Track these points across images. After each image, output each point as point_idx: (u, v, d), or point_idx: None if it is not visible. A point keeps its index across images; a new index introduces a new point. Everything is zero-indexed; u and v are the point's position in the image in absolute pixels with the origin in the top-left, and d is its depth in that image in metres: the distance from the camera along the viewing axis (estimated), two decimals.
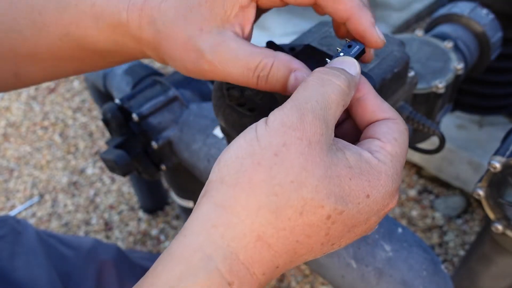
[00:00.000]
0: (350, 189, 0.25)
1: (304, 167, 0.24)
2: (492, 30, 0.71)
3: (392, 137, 0.28)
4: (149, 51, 0.34)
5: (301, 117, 0.25)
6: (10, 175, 1.26)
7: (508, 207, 0.48)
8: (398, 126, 0.28)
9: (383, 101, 0.30)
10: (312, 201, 0.24)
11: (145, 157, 0.67)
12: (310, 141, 0.24)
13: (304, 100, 0.25)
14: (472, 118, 1.03)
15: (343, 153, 0.26)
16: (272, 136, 0.24)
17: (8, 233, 0.60)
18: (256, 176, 0.24)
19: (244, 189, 0.24)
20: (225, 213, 0.24)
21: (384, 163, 0.26)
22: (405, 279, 0.46)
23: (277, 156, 0.24)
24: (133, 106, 0.64)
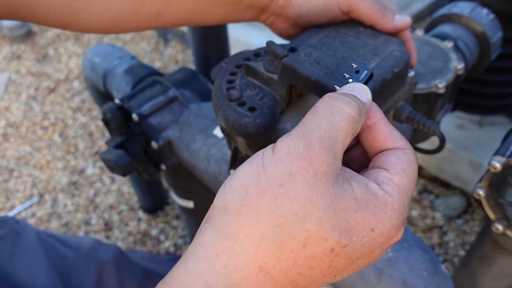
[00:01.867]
0: (355, 222, 0.24)
1: (309, 198, 0.24)
2: (492, 30, 0.71)
3: (400, 168, 0.27)
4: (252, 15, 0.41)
5: (308, 147, 0.24)
6: (10, 175, 1.26)
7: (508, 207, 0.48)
8: (408, 156, 0.28)
9: (394, 129, 0.29)
10: (316, 233, 0.24)
11: (145, 157, 0.67)
12: (316, 172, 0.24)
13: (312, 128, 0.25)
14: (472, 118, 1.03)
15: (350, 184, 0.25)
16: (279, 165, 0.24)
17: (8, 233, 0.60)
18: (260, 205, 0.24)
19: (248, 217, 0.24)
20: (228, 241, 0.24)
21: (391, 196, 0.26)
22: (405, 279, 0.46)
23: (282, 186, 0.24)
24: (133, 106, 0.64)
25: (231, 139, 0.44)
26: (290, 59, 0.33)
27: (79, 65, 1.60)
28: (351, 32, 0.43)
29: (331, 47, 0.41)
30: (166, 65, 1.57)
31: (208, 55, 0.77)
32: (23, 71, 1.61)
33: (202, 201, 0.79)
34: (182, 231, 1.10)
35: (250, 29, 1.33)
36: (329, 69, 0.33)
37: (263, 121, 0.34)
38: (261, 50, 0.39)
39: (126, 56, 0.79)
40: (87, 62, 0.82)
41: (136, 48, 1.65)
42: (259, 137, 0.36)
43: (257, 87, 0.36)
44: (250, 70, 0.37)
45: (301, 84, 0.34)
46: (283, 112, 0.38)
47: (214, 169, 0.60)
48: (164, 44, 1.66)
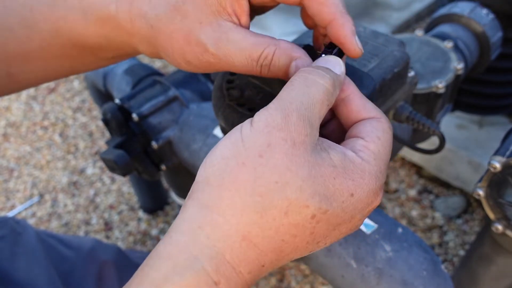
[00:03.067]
0: (334, 188, 0.25)
1: (288, 167, 0.24)
2: (492, 30, 0.71)
3: (375, 135, 0.28)
4: (142, 45, 0.34)
5: (285, 118, 0.25)
6: (10, 175, 1.26)
7: (508, 207, 0.48)
8: (382, 124, 0.29)
9: (367, 101, 0.30)
10: (297, 201, 0.24)
11: (145, 157, 0.67)
12: (294, 141, 0.24)
13: (289, 101, 0.25)
14: (472, 118, 1.03)
15: (327, 153, 0.26)
16: (257, 137, 0.25)
17: (8, 233, 0.60)
18: (240, 176, 0.24)
19: (228, 189, 0.24)
20: (210, 213, 0.24)
21: (368, 162, 0.27)
22: (405, 279, 0.46)
23: (261, 157, 0.24)
24: (133, 106, 0.64)
25: None
26: None
27: None
28: None
29: None
30: (166, 65, 1.57)
31: None
32: None
33: None
34: None
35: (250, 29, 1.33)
36: None
37: None
38: None
39: None
40: None
41: None
42: None
43: (257, 87, 0.36)
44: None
45: None
46: None
47: None
48: None
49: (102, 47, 0.36)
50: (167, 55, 0.33)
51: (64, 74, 0.41)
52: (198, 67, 0.32)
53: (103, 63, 0.40)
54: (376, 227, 0.49)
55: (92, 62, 0.39)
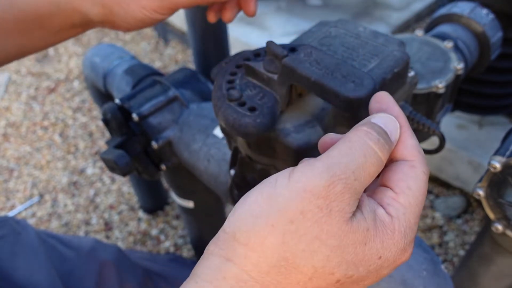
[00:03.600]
0: (363, 255, 0.25)
1: (317, 236, 0.24)
2: (492, 30, 0.71)
3: (406, 185, 0.26)
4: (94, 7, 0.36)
5: (329, 186, 0.24)
6: (10, 175, 1.26)
7: (508, 207, 0.48)
8: (415, 170, 0.27)
9: (409, 137, 0.27)
10: (323, 269, 0.24)
11: (145, 157, 0.67)
12: (331, 210, 0.24)
13: (340, 167, 0.24)
14: (472, 118, 1.03)
15: (362, 213, 0.25)
16: (292, 200, 0.24)
17: (8, 233, 0.60)
18: (268, 239, 0.24)
19: (255, 250, 0.24)
20: (235, 268, 0.24)
21: (398, 219, 0.25)
22: (405, 279, 0.46)
23: (292, 223, 0.24)
24: (133, 106, 0.64)
25: (231, 139, 0.44)
26: (290, 59, 0.33)
27: (79, 65, 1.60)
28: (351, 32, 0.43)
29: (331, 47, 0.41)
30: (166, 65, 1.57)
31: (208, 55, 0.77)
32: (23, 71, 1.61)
33: (202, 201, 0.79)
34: (182, 231, 1.10)
35: (250, 29, 1.33)
36: (329, 69, 0.33)
37: (263, 121, 0.34)
38: (261, 50, 0.39)
39: (126, 56, 0.79)
40: (87, 62, 0.82)
41: (136, 48, 1.65)
42: (259, 137, 0.36)
43: (257, 87, 0.36)
44: (250, 70, 0.37)
45: (301, 84, 0.34)
46: (283, 112, 0.38)
47: (214, 169, 0.60)
48: (164, 44, 1.66)
49: (53, 15, 0.38)
50: (122, 7, 0.36)
51: (11, 54, 0.42)
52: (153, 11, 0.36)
53: (49, 38, 0.41)
54: None
55: (40, 38, 0.41)
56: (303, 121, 0.38)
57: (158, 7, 0.37)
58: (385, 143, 0.26)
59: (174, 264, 0.91)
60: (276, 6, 1.42)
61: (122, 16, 0.38)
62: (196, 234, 0.91)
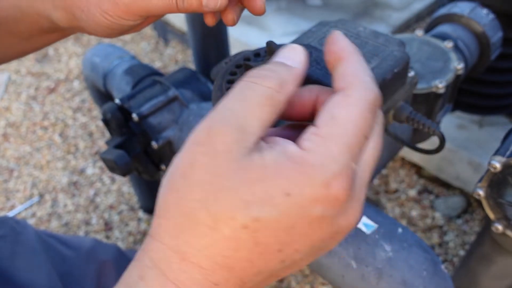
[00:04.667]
0: (263, 192, 0.22)
1: (208, 181, 0.22)
2: (492, 30, 0.71)
3: (329, 116, 0.23)
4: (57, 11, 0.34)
5: (208, 130, 0.23)
6: (10, 175, 1.26)
7: (508, 207, 0.48)
8: (346, 99, 0.24)
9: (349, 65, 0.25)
10: (221, 214, 0.22)
11: (145, 157, 0.67)
12: (216, 151, 0.22)
13: (218, 111, 0.23)
14: (472, 118, 1.03)
15: (261, 153, 0.23)
16: (181, 158, 0.24)
17: (8, 233, 0.60)
18: (169, 201, 0.24)
19: (162, 216, 0.24)
20: (152, 240, 0.25)
21: (312, 151, 0.22)
22: (405, 279, 0.46)
23: (184, 178, 0.23)
24: (133, 106, 0.64)
25: None
26: None
27: (79, 65, 1.60)
28: (351, 32, 0.43)
29: None
30: (166, 65, 1.57)
31: (208, 55, 0.77)
32: (23, 71, 1.61)
33: None
34: None
35: (250, 29, 1.33)
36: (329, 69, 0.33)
37: None
38: (261, 50, 0.39)
39: (126, 56, 0.79)
40: (87, 62, 0.82)
41: (136, 48, 1.65)
42: None
43: None
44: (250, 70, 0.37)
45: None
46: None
47: None
48: (164, 44, 1.66)
49: (17, 20, 0.36)
50: (83, 11, 0.33)
51: None
52: (114, 12, 0.32)
53: (22, 45, 0.40)
54: (376, 227, 0.49)
55: (10, 45, 0.39)
56: None
57: (124, 13, 0.32)
58: (269, 72, 0.25)
59: None
60: (276, 6, 1.42)
61: (86, 22, 0.34)
62: None
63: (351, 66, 0.25)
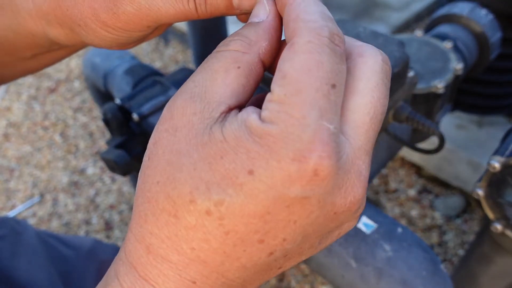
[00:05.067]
0: (224, 170, 0.19)
1: (168, 161, 0.20)
2: (492, 30, 0.71)
3: (280, 75, 0.19)
4: (52, 27, 0.29)
5: (170, 107, 0.21)
6: (11, 175, 1.26)
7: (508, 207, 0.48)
8: (291, 49, 0.19)
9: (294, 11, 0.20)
10: (179, 198, 0.19)
11: None
12: (176, 128, 0.20)
13: (182, 87, 0.22)
14: (472, 118, 1.03)
15: (221, 125, 0.20)
16: (150, 139, 0.22)
17: (8, 233, 0.60)
18: (139, 187, 0.22)
19: (135, 204, 0.22)
20: (129, 232, 0.23)
21: (269, 122, 0.19)
22: (405, 278, 0.46)
23: (149, 159, 0.21)
24: (133, 106, 0.64)
25: None
26: None
27: (79, 65, 1.60)
28: (351, 32, 0.43)
29: None
30: (166, 65, 1.57)
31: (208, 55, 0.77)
32: None
33: None
34: None
35: None
36: None
37: None
38: None
39: (127, 56, 0.80)
40: (88, 62, 0.82)
41: (136, 48, 1.65)
42: None
43: None
44: None
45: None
46: None
47: None
48: (165, 44, 1.66)
49: (12, 42, 0.32)
50: (80, 26, 0.27)
51: None
52: (115, 24, 0.26)
53: (27, 64, 0.36)
54: (375, 227, 0.49)
55: (13, 64, 0.35)
56: None
57: (126, 24, 0.26)
58: (235, 35, 0.22)
59: None
60: None
61: (87, 37, 0.28)
62: None
63: (294, 10, 0.20)
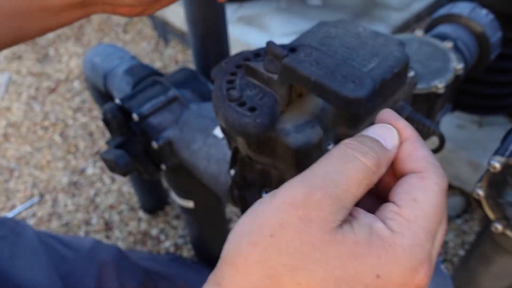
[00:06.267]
0: (354, 270, 0.22)
1: (298, 249, 0.22)
2: (492, 30, 0.71)
3: (410, 198, 0.24)
4: None
5: (308, 195, 0.23)
6: (11, 175, 1.26)
7: (508, 207, 0.48)
8: (424, 182, 0.25)
9: (419, 147, 0.26)
10: (307, 285, 0.22)
11: (145, 157, 0.67)
12: (311, 220, 0.22)
13: (317, 176, 0.24)
14: (472, 118, 1.03)
15: (351, 227, 0.23)
16: (271, 214, 0.23)
17: (7, 234, 0.60)
18: (251, 256, 0.23)
19: (239, 269, 0.23)
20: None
21: (400, 234, 0.23)
22: None
23: (272, 237, 0.23)
24: (133, 106, 0.64)
25: (231, 139, 0.44)
26: (290, 59, 0.33)
27: (79, 65, 1.60)
28: (351, 32, 0.43)
29: (331, 47, 0.41)
30: (166, 65, 1.57)
31: (208, 55, 0.77)
32: (24, 71, 1.61)
33: (202, 201, 0.79)
34: (182, 231, 1.10)
35: (250, 29, 1.34)
36: (329, 69, 0.33)
37: (263, 121, 0.34)
38: (261, 50, 0.39)
39: (126, 56, 0.80)
40: (88, 62, 0.82)
41: (136, 48, 1.65)
42: (259, 137, 0.36)
43: (257, 87, 0.36)
44: (250, 70, 0.37)
45: (301, 84, 0.34)
46: (283, 112, 0.38)
47: (214, 169, 0.60)
48: (164, 44, 1.66)
49: None
50: None
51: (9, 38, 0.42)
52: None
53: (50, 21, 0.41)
54: None
55: (40, 20, 0.40)
56: (303, 121, 0.38)
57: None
58: (370, 150, 0.25)
59: (174, 264, 0.91)
60: (276, 6, 1.42)
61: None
62: (196, 234, 0.91)
63: (420, 150, 0.26)
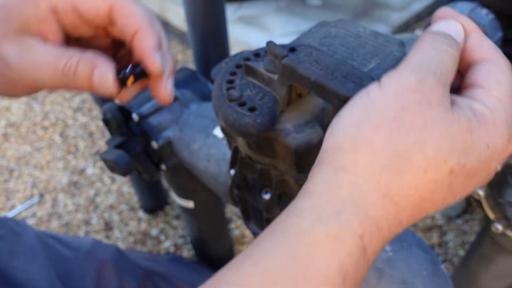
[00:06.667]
0: (471, 142, 0.25)
1: (424, 127, 0.24)
2: (492, 30, 0.71)
3: (494, 80, 0.27)
4: None
5: (421, 80, 0.25)
6: (10, 175, 1.26)
7: (508, 207, 0.48)
8: (499, 66, 0.28)
9: (483, 38, 0.29)
10: (435, 158, 0.24)
11: (145, 157, 0.67)
12: (430, 102, 0.25)
13: (425, 64, 0.26)
14: None
15: (459, 107, 0.26)
16: (390, 99, 0.25)
17: (7, 233, 0.60)
18: (376, 139, 0.25)
19: (364, 153, 0.25)
20: (348, 175, 0.25)
21: (496, 111, 0.26)
22: (405, 278, 0.46)
23: (396, 120, 0.25)
24: (133, 106, 0.64)
25: (231, 139, 0.44)
26: (290, 59, 0.33)
27: None
28: (351, 32, 0.43)
29: (331, 47, 0.41)
30: None
31: (208, 55, 0.77)
32: None
33: (202, 201, 0.79)
34: (182, 231, 1.10)
35: (250, 29, 1.34)
36: (329, 69, 0.33)
37: (263, 121, 0.34)
38: (261, 50, 0.39)
39: None
40: None
41: None
42: (259, 137, 0.36)
43: (257, 87, 0.36)
44: (250, 70, 0.37)
45: (301, 84, 0.34)
46: (283, 112, 0.38)
47: (214, 169, 0.60)
48: None
49: None
50: None
51: None
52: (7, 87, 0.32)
53: None
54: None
55: None
56: (303, 121, 0.38)
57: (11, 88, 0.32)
58: (452, 42, 0.28)
59: (174, 264, 0.91)
60: (276, 6, 1.42)
61: None
62: (196, 234, 0.91)
63: (486, 40, 0.29)
